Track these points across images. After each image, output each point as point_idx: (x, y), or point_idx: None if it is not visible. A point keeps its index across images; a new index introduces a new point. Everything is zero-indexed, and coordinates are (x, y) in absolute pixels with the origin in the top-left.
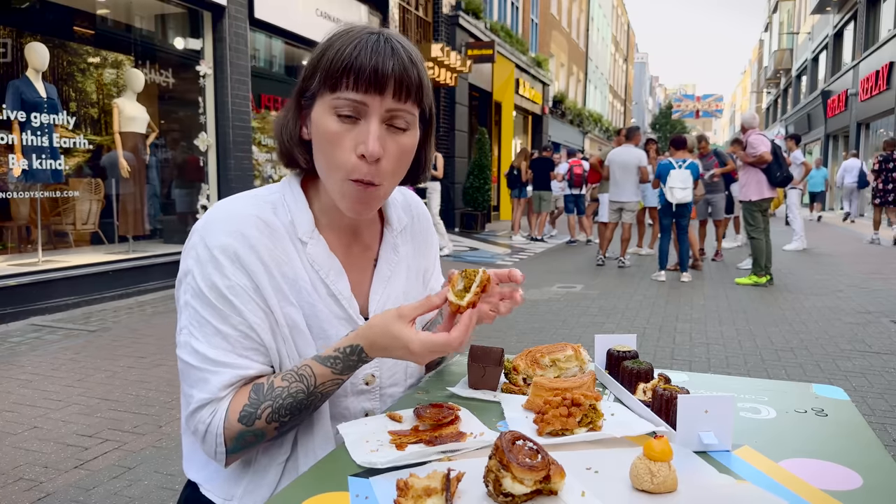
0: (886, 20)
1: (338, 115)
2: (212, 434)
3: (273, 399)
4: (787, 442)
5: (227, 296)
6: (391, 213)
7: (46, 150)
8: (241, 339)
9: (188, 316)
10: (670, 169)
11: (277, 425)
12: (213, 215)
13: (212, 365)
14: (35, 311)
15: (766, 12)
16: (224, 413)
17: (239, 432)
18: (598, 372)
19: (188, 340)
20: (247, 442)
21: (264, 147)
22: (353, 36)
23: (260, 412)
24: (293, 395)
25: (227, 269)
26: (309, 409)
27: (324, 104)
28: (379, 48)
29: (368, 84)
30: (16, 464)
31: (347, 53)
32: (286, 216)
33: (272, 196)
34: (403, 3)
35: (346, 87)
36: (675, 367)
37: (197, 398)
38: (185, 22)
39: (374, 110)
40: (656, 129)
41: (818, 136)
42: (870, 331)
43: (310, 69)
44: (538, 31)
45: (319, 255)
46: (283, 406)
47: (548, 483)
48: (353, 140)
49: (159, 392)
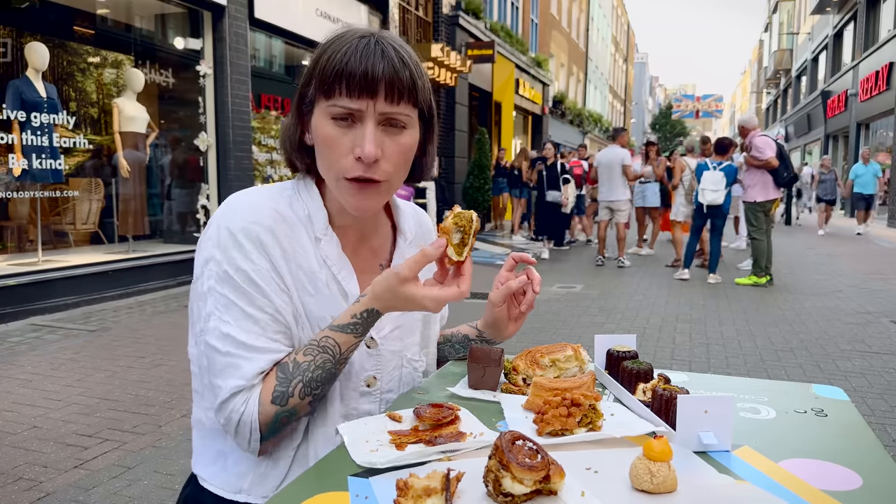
0: (886, 20)
1: (334, 120)
2: (246, 423)
3: (302, 374)
4: (786, 442)
5: (253, 278)
6: (403, 223)
7: (46, 150)
8: (271, 323)
9: (214, 301)
10: (704, 170)
11: (311, 399)
12: (231, 205)
13: (245, 350)
14: (35, 311)
15: (766, 12)
16: (257, 399)
17: (275, 414)
18: (598, 372)
19: (217, 325)
20: (281, 423)
21: (264, 147)
22: (344, 41)
23: (292, 389)
24: (321, 367)
25: (252, 252)
26: (336, 377)
27: (321, 110)
28: (369, 52)
29: (360, 89)
30: (15, 463)
31: (338, 60)
32: (303, 210)
33: (288, 190)
34: (403, 3)
35: (340, 94)
36: (675, 367)
37: (228, 387)
38: (185, 22)
39: (369, 114)
40: (656, 130)
41: (818, 137)
42: (870, 331)
43: (306, 76)
44: (538, 31)
45: (332, 253)
46: (313, 379)
47: (547, 483)
48: (351, 143)
49: (159, 392)
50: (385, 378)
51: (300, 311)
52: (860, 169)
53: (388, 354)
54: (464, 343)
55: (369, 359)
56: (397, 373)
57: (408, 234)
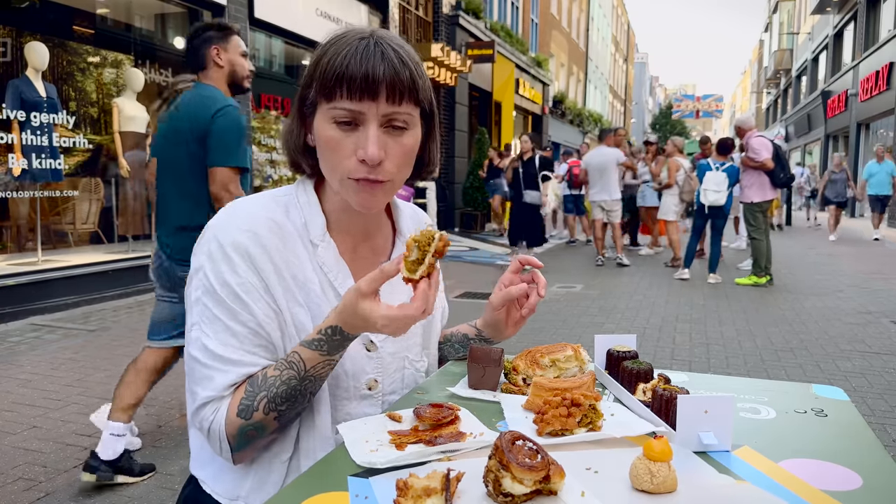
0: (886, 20)
1: (336, 123)
2: (215, 432)
3: (267, 389)
4: (786, 442)
5: (238, 293)
6: (402, 224)
7: (46, 150)
8: (251, 336)
9: (199, 312)
10: (706, 171)
11: (276, 415)
12: (227, 213)
13: (220, 363)
14: (34, 311)
15: (766, 12)
16: (225, 411)
17: (239, 427)
18: (598, 372)
19: (199, 336)
20: (249, 437)
21: (264, 147)
22: (343, 43)
23: (256, 404)
24: (286, 383)
25: (240, 266)
26: (305, 396)
27: (322, 113)
28: (368, 54)
29: (361, 92)
30: (15, 463)
31: (338, 63)
32: (299, 218)
33: (285, 198)
34: (403, 3)
35: (341, 97)
36: (675, 367)
37: (201, 396)
38: (185, 21)
39: (371, 116)
40: (656, 130)
41: (818, 137)
42: (870, 331)
43: (307, 78)
44: (538, 31)
45: (329, 259)
46: (277, 395)
47: (547, 483)
48: (354, 145)
49: (159, 392)
50: (387, 381)
51: (288, 322)
52: (874, 167)
53: (389, 357)
54: (463, 342)
55: (369, 362)
56: (399, 374)
57: (406, 235)
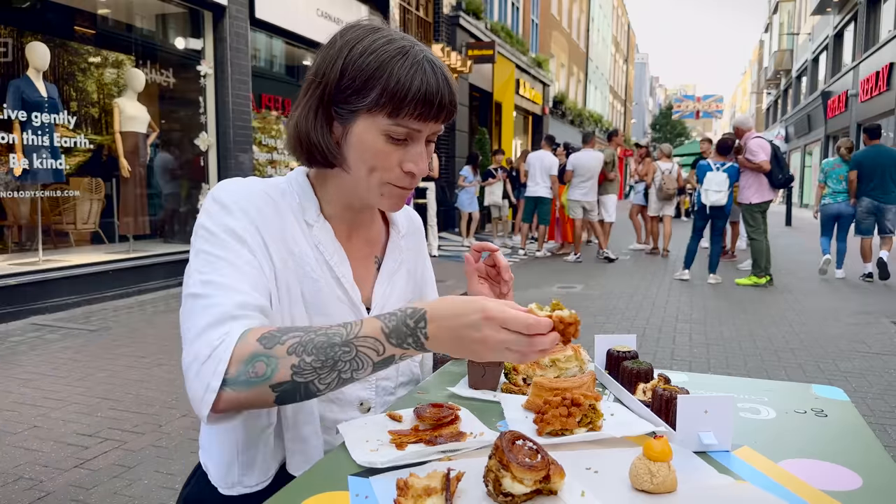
0: (886, 21)
1: (390, 137)
2: (215, 358)
3: (304, 331)
4: (786, 442)
5: (240, 235)
6: (396, 217)
7: (47, 150)
8: (257, 276)
9: (200, 261)
10: (707, 171)
11: (297, 361)
12: (223, 182)
13: (224, 289)
14: (35, 311)
15: (767, 13)
16: (239, 334)
17: (251, 354)
18: (598, 372)
19: (197, 277)
20: (250, 376)
21: (265, 147)
22: (410, 62)
23: (285, 338)
24: (327, 334)
25: (242, 217)
26: (336, 365)
27: (374, 124)
28: (436, 77)
29: (428, 116)
30: (16, 463)
31: (415, 86)
32: (294, 200)
33: (281, 185)
34: (404, 4)
35: (409, 117)
36: (675, 367)
37: (205, 321)
38: (186, 22)
39: (424, 134)
40: (656, 130)
41: (818, 137)
42: (870, 331)
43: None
44: (538, 31)
45: (325, 239)
46: (311, 340)
47: (547, 483)
48: (400, 157)
49: (159, 392)
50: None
51: (281, 283)
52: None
53: None
54: None
55: None
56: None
57: (401, 228)
